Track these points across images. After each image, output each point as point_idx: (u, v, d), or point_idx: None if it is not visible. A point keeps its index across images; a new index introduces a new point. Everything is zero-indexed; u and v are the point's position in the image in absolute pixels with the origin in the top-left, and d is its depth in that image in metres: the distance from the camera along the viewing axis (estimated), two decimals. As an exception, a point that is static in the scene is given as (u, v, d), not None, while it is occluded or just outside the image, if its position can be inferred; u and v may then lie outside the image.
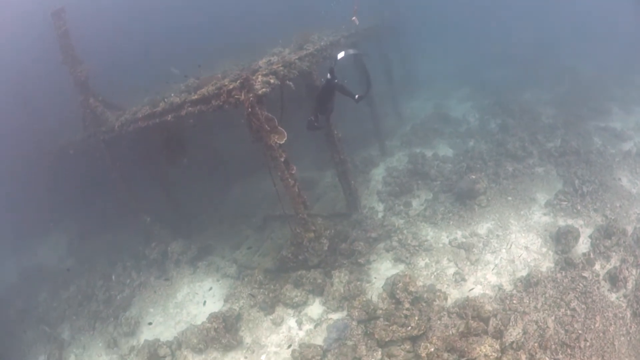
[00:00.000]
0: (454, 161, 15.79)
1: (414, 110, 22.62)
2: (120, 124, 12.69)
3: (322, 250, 11.29)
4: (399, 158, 17.34)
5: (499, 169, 14.37)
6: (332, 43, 13.07)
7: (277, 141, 9.76)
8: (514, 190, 13.33)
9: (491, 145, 16.22)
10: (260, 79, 9.52)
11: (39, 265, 18.87)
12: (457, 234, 12.12)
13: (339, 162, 12.98)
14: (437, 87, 25.81)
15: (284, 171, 10.14)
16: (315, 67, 11.94)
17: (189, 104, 10.63)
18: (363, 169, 16.88)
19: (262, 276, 12.04)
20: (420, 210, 13.43)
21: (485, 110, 20.16)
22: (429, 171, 15.13)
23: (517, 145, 15.41)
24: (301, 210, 10.73)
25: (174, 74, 12.04)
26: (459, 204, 13.20)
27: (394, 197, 14.40)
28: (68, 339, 13.63)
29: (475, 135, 17.77)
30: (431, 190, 14.36)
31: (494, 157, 15.22)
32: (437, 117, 20.27)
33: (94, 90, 13.62)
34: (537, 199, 12.90)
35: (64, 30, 12.92)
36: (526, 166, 14.48)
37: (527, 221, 12.03)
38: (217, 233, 15.57)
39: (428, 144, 17.92)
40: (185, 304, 12.86)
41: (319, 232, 11.25)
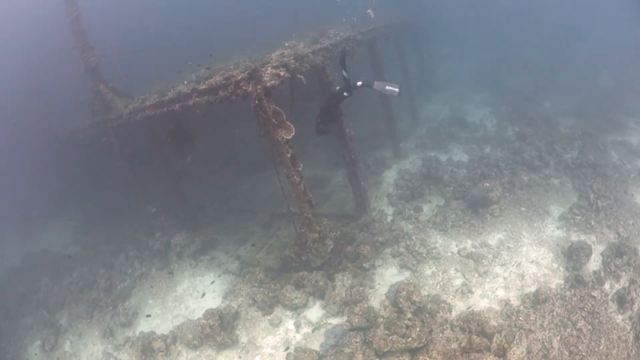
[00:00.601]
0: (469, 167, 15.25)
1: (431, 113, 22.10)
2: (129, 111, 12.45)
3: (326, 251, 10.88)
4: (412, 161, 16.87)
5: (514, 177, 13.82)
6: (348, 39, 12.65)
7: (284, 136, 9.37)
8: (528, 201, 12.79)
9: (507, 153, 15.66)
10: (269, 71, 9.13)
11: (43, 250, 18.81)
12: (466, 243, 11.62)
13: (350, 162, 12.56)
14: (456, 90, 25.25)
15: (290, 168, 9.75)
16: (329, 62, 11.55)
17: (197, 94, 10.31)
18: (375, 170, 16.45)
19: (263, 275, 11.69)
20: (430, 216, 12.95)
21: (503, 117, 19.60)
22: (442, 176, 14.63)
23: (533, 154, 14.89)
24: (306, 210, 10.33)
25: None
26: (470, 212, 12.69)
27: (405, 201, 13.94)
28: (65, 325, 13.44)
29: (492, 141, 17.23)
30: (443, 196, 13.86)
31: (510, 165, 14.68)
32: (454, 121, 19.72)
33: (104, 77, 13.40)
34: (551, 211, 12.35)
35: (76, 15, 12.71)
36: (542, 177, 13.92)
37: (540, 234, 11.49)
38: (222, 227, 15.26)
39: (443, 148, 17.41)
40: (184, 298, 12.58)
41: (324, 233, 10.84)
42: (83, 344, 12.47)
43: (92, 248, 17.09)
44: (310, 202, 10.33)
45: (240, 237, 14.23)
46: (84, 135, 15.14)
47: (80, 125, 15.43)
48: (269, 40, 14.08)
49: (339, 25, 13.69)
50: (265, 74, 9.09)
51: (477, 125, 19.18)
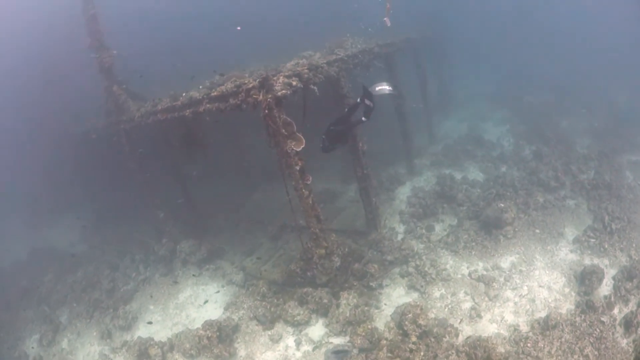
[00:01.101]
0: (484, 186, 14.78)
1: (448, 130, 21.66)
2: (141, 114, 12.30)
3: (332, 268, 10.50)
4: (427, 178, 16.44)
5: (529, 198, 13.34)
6: (364, 50, 12.37)
7: (294, 148, 9.08)
8: (543, 223, 12.29)
9: (523, 173, 15.17)
10: (281, 80, 8.86)
11: (50, 246, 18.80)
12: (478, 265, 11.17)
13: (362, 177, 12.23)
14: (474, 107, 24.75)
15: (299, 180, 9.43)
16: (345, 73, 11.27)
17: (208, 101, 10.09)
18: (388, 186, 16.06)
19: (266, 288, 11.36)
20: (442, 236, 12.50)
21: (520, 136, 19.08)
22: (456, 195, 14.19)
23: (550, 174, 14.44)
24: (314, 224, 9.98)
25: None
26: (483, 233, 12.23)
27: (417, 220, 13.52)
28: (65, 323, 13.37)
29: (509, 160, 16.74)
30: (456, 216, 13.41)
31: (526, 185, 14.20)
32: (471, 138, 19.26)
33: (119, 77, 13.30)
34: (566, 234, 11.87)
35: (92, 13, 12.64)
36: (557, 198, 13.44)
37: (553, 257, 11.00)
38: (230, 237, 15.00)
39: (459, 166, 16.95)
40: (185, 306, 12.32)
41: (331, 249, 10.45)
42: (80, 343, 12.33)
43: (99, 248, 16.99)
44: (318, 217, 9.98)
45: (248, 248, 13.93)
46: (97, 135, 15.02)
47: (93, 124, 15.33)
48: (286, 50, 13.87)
49: (356, 36, 13.39)
50: (277, 83, 8.82)
51: (494, 144, 18.71)
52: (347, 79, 11.33)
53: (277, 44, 15.08)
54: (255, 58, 14.48)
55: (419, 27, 18.35)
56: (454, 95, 25.25)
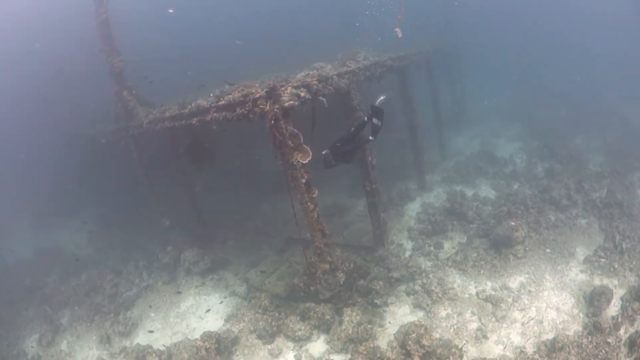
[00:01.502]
0: (495, 204, 14.42)
1: (460, 146, 21.33)
2: (149, 121, 12.17)
3: (336, 284, 10.20)
4: (437, 194, 16.12)
5: (540, 217, 12.97)
6: (376, 63, 12.14)
7: (300, 160, 8.83)
8: (554, 242, 11.90)
9: (535, 191, 14.77)
10: (289, 91, 8.63)
11: (56, 247, 18.78)
12: (486, 285, 10.79)
13: (370, 192, 11.95)
14: (487, 123, 24.42)
15: (304, 194, 9.17)
16: (355, 86, 11.04)
17: (215, 109, 9.92)
18: (398, 201, 15.76)
19: (268, 302, 11.08)
20: (450, 254, 12.14)
21: (533, 153, 18.71)
22: (466, 212, 13.83)
23: (562, 192, 14.02)
24: (318, 238, 9.68)
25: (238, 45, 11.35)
26: (493, 252, 11.84)
27: (425, 237, 13.18)
28: (65, 324, 13.28)
29: (521, 178, 16.37)
30: (466, 233, 13.05)
31: (537, 203, 13.80)
32: (483, 155, 18.89)
33: (129, 82, 13.20)
34: (576, 253, 11.46)
35: (104, 17, 12.57)
36: (569, 216, 13.04)
37: (563, 278, 10.60)
38: (236, 248, 14.79)
39: (470, 182, 16.60)
40: (186, 315, 12.12)
41: (336, 264, 10.15)
42: (79, 345, 12.21)
43: (104, 252, 16.91)
44: (323, 231, 9.69)
45: (253, 259, 13.70)
46: (105, 140, 14.95)
47: (102, 129, 15.27)
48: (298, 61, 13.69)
49: (369, 47, 13.19)
50: (285, 93, 8.60)
51: (507, 161, 18.33)
52: (357, 91, 11.10)
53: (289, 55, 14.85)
54: (267, 68, 14.31)
55: (432, 41, 18.07)
56: (467, 111, 24.88)
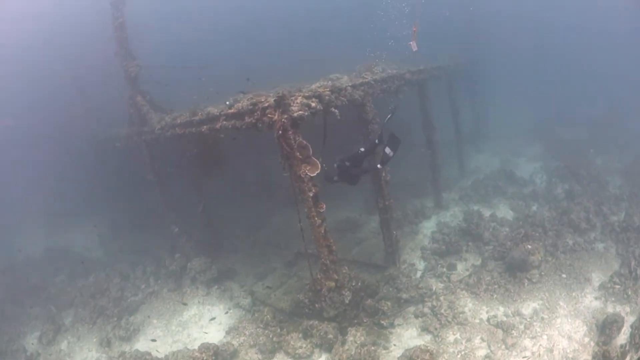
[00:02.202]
0: (512, 225, 13.74)
1: (480, 164, 20.63)
2: (161, 127, 11.95)
3: (341, 302, 9.68)
4: (453, 213, 15.50)
5: (558, 240, 12.27)
6: (394, 76, 11.71)
7: (308, 173, 8.43)
8: (570, 267, 11.20)
9: (554, 213, 14.05)
10: (299, 100, 8.24)
11: (66, 247, 18.76)
12: (498, 310, 10.15)
13: (383, 209, 11.46)
14: (508, 141, 23.60)
15: (312, 208, 8.75)
16: (370, 98, 10.62)
17: (224, 118, 9.63)
18: (413, 219, 15.18)
19: (271, 316, 10.62)
20: (463, 277, 11.52)
21: (553, 173, 17.90)
22: (482, 233, 13.19)
23: (581, 215, 13.27)
24: (324, 255, 9.23)
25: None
26: (507, 276, 11.19)
27: (439, 257, 12.59)
28: (68, 325, 13.13)
29: (540, 199, 15.63)
30: (481, 255, 12.41)
31: (556, 226, 13.10)
32: (502, 174, 18.15)
33: (143, 87, 13.03)
34: (592, 279, 10.76)
35: (120, 22, 12.45)
36: (587, 240, 12.32)
37: (577, 305, 9.93)
38: (245, 258, 14.44)
39: (488, 202, 15.94)
40: (189, 325, 11.79)
41: (342, 282, 9.64)
42: (79, 347, 12.05)
43: (114, 255, 16.81)
44: (329, 247, 9.23)
45: (261, 271, 13.32)
46: (120, 144, 14.81)
47: (117, 133, 15.13)
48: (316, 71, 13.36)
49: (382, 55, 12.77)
50: (295, 103, 8.21)
51: (526, 181, 17.62)
52: (372, 104, 10.68)
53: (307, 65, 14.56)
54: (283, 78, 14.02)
55: (453, 56, 17.54)
56: (488, 128, 24.19)
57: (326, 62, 13.57)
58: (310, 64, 14.60)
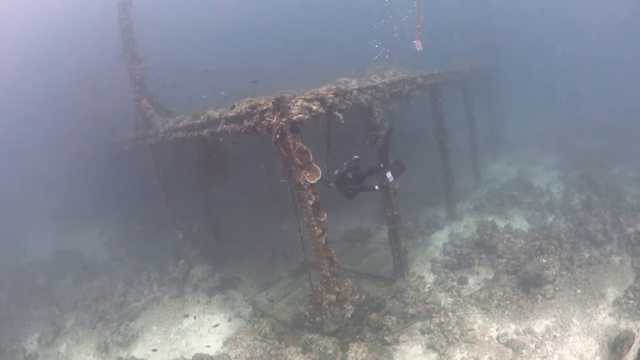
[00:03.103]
0: (528, 237, 12.89)
1: (496, 173, 19.71)
2: (164, 130, 11.53)
3: (343, 317, 9.06)
4: (467, 224, 14.69)
5: (574, 253, 11.44)
6: (405, 80, 11.08)
7: (308, 180, 7.85)
8: (585, 282, 10.37)
9: (571, 224, 13.14)
10: (299, 103, 7.70)
11: (75, 250, 18.67)
12: (509, 327, 9.39)
13: (391, 219, 10.83)
14: (525, 150, 22.64)
15: (311, 217, 8.19)
16: (378, 102, 10.02)
17: (224, 121, 9.14)
18: (424, 230, 14.42)
19: (269, 328, 10.02)
20: (474, 291, 10.77)
21: (571, 183, 16.90)
22: (496, 245, 12.40)
23: (598, 227, 12.36)
24: (325, 267, 8.64)
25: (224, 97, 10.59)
26: (520, 291, 10.38)
27: (449, 270, 11.84)
28: (68, 327, 12.92)
29: (556, 210, 14.73)
30: (494, 269, 11.63)
31: (572, 238, 12.24)
32: (519, 184, 17.25)
33: (149, 89, 12.65)
34: (607, 295, 9.95)
35: (127, 24, 12.13)
36: (603, 253, 11.44)
37: (591, 322, 9.15)
38: (250, 267, 13.94)
39: (503, 213, 15.08)
40: (187, 333, 11.33)
41: (344, 295, 9.01)
42: (77, 350, 11.84)
43: (120, 260, 16.58)
44: (331, 259, 8.64)
45: (266, 280, 12.80)
46: (128, 147, 14.45)
47: (124, 136, 14.80)
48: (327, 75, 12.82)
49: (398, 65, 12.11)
50: (295, 105, 7.67)
51: (543, 191, 16.70)
52: (380, 108, 10.08)
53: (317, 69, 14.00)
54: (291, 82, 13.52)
55: (469, 61, 16.74)
56: (505, 136, 23.27)
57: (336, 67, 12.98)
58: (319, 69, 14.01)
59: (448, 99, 14.83)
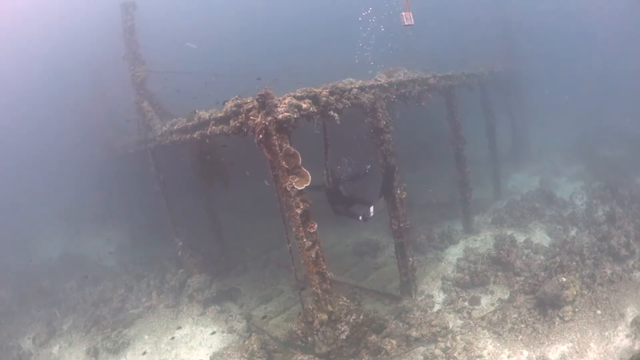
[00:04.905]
0: (548, 253, 11.54)
1: (517, 184, 18.19)
2: (161, 133, 10.75)
3: (336, 338, 7.94)
4: (484, 239, 13.31)
5: (596, 270, 10.04)
6: (414, 80, 9.99)
7: (296, 186, 6.83)
8: (606, 302, 8.98)
9: (594, 239, 11.72)
10: (287, 101, 6.71)
11: (82, 255, 18.41)
12: (522, 354, 8.09)
13: (398, 232, 9.69)
14: (549, 160, 20.91)
15: (299, 227, 7.17)
16: (383, 103, 8.93)
17: (213, 122, 8.24)
18: (438, 244, 13.10)
19: (258, 346, 8.93)
20: (487, 313, 9.47)
21: (595, 194, 15.31)
22: (514, 262, 11.05)
23: (621, 241, 10.91)
24: (315, 283, 7.59)
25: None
26: (537, 313, 9.04)
27: (461, 288, 10.52)
28: (65, 330, 12.60)
29: (580, 223, 13.25)
30: (510, 288, 10.28)
31: (595, 253, 10.84)
32: (541, 195, 15.69)
33: (151, 92, 11.91)
34: (626, 314, 8.61)
35: (130, 25, 11.50)
36: (625, 269, 10.06)
37: (608, 346, 7.88)
38: (251, 279, 13.08)
39: (523, 226, 13.64)
40: (178, 344, 10.49)
41: (337, 315, 7.92)
42: (69, 352, 11.56)
43: (125, 266, 16.08)
44: (322, 275, 7.59)
45: (267, 294, 11.85)
46: (133, 151, 13.78)
47: (129, 140, 14.14)
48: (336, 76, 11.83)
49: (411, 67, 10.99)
50: (282, 103, 6.69)
51: (566, 203, 15.15)
52: (384, 108, 9.00)
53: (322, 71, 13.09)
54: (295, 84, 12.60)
55: (488, 63, 15.37)
56: (528, 145, 21.67)
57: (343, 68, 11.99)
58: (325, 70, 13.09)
59: (467, 103, 13.67)
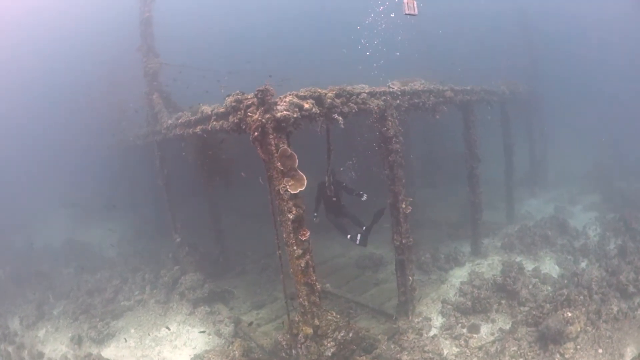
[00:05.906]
0: (556, 284, 10.81)
1: (532, 210, 17.32)
2: (166, 127, 10.40)
3: (320, 354, 7.35)
4: (491, 263, 12.59)
5: (603, 306, 9.27)
6: (429, 91, 9.45)
7: (290, 189, 6.32)
8: (608, 341, 8.27)
9: (604, 272, 10.95)
10: (288, 99, 6.24)
11: (85, 243, 18.16)
12: (515, 392, 7.45)
13: (400, 248, 9.12)
14: (567, 187, 20.08)
15: (290, 234, 6.64)
16: (394, 111, 8.40)
17: (214, 117, 7.82)
18: (443, 265, 12.42)
19: (240, 352, 8.42)
20: (485, 342, 8.79)
21: (608, 226, 14.52)
22: (519, 290, 10.34)
23: (630, 277, 10.26)
24: (303, 295, 7.05)
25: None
26: (538, 348, 8.36)
27: (461, 314, 9.85)
28: (55, 314, 12.49)
29: (591, 255, 12.48)
30: (512, 317, 9.58)
31: (603, 288, 10.12)
32: (554, 222, 14.84)
33: (162, 86, 11.57)
34: (626, 355, 8.03)
35: (147, 16, 11.16)
36: (631, 307, 9.35)
37: None
38: (247, 282, 12.63)
39: (533, 254, 12.89)
40: (162, 342, 10.10)
41: (324, 330, 7.35)
42: (54, 337, 11.40)
43: (124, 257, 15.81)
44: (311, 286, 7.04)
45: (261, 299, 11.37)
46: (142, 143, 13.46)
47: (137, 132, 13.86)
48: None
49: None
50: (283, 101, 6.21)
51: (579, 233, 14.35)
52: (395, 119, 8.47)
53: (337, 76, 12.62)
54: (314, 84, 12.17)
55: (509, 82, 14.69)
56: (547, 170, 20.81)
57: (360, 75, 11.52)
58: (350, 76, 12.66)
59: (486, 121, 13.09)
